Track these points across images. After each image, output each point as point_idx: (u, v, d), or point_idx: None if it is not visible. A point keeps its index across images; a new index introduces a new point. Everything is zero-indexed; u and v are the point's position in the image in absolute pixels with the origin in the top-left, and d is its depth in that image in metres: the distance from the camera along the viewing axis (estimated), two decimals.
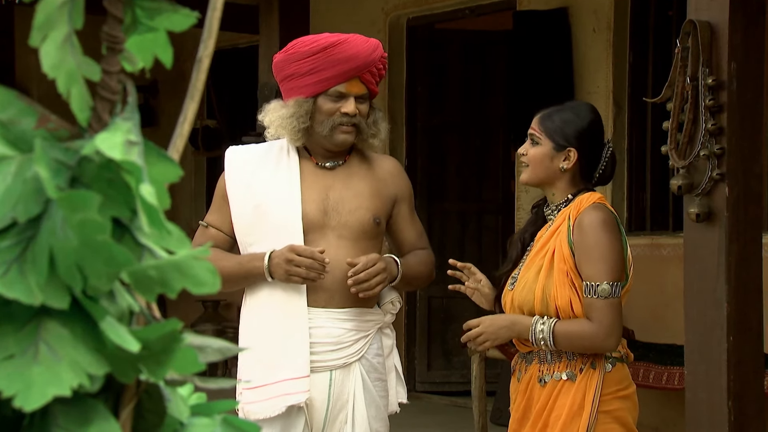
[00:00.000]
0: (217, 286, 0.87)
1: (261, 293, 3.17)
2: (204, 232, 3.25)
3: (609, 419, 3.01)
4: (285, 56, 3.21)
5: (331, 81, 3.16)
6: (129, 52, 0.93)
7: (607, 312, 2.96)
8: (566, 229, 3.03)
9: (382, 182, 3.30)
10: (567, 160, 3.08)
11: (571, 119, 3.11)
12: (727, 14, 3.56)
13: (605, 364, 3.03)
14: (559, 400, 3.02)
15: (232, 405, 0.99)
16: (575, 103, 3.26)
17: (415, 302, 8.27)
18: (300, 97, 3.17)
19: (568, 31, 7.11)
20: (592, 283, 2.96)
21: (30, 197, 0.84)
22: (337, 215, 3.19)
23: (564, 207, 3.09)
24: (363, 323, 3.19)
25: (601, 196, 3.12)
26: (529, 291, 3.03)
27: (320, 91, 3.17)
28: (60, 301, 0.83)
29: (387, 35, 8.18)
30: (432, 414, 7.61)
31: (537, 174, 3.12)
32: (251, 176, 3.22)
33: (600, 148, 3.14)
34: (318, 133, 3.19)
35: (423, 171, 8.28)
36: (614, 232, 3.01)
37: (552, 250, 3.03)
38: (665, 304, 6.33)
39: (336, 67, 3.14)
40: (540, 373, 3.06)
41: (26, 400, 0.81)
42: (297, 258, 3.06)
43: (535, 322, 3.02)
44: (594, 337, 2.97)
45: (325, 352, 3.14)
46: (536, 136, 3.11)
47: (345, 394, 3.16)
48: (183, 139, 0.93)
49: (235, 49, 8.96)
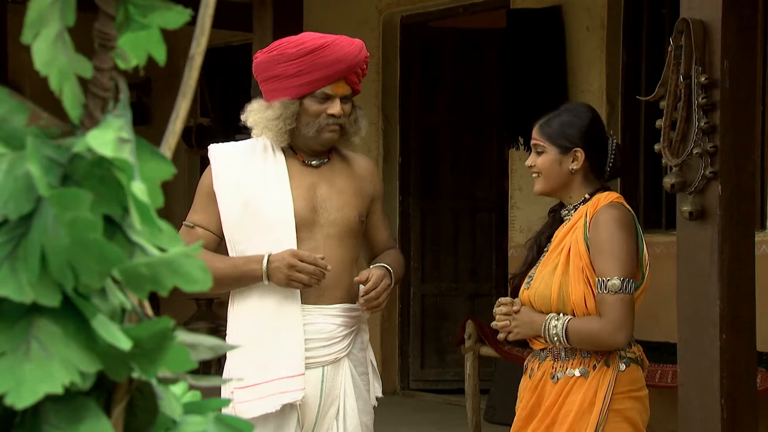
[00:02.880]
0: (209, 284, 0.87)
1: (252, 291, 3.16)
2: (189, 232, 3.18)
3: (619, 418, 3.01)
4: (269, 57, 3.18)
5: (319, 83, 3.15)
6: (122, 49, 0.93)
7: (617, 307, 2.97)
8: (582, 225, 3.05)
9: (362, 180, 3.31)
10: (575, 161, 3.11)
11: (570, 120, 3.13)
12: (720, 12, 3.57)
13: (619, 363, 3.03)
14: (570, 397, 3.02)
15: (226, 403, 0.99)
16: (571, 105, 3.28)
17: (409, 300, 8.27)
18: (286, 99, 3.16)
19: (561, 29, 7.11)
20: (603, 279, 2.98)
21: (21, 195, 0.83)
22: (326, 213, 3.20)
23: (582, 205, 3.12)
24: (350, 319, 3.22)
25: (619, 195, 3.15)
26: (545, 287, 3.04)
27: (307, 92, 3.16)
28: (51, 298, 0.83)
29: (380, 33, 8.18)
30: (425, 412, 7.62)
31: (550, 182, 3.13)
32: (239, 173, 3.19)
33: (604, 142, 3.17)
34: (304, 134, 3.19)
35: (416, 169, 8.28)
36: (629, 230, 3.04)
37: (568, 246, 3.05)
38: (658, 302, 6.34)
39: (323, 70, 3.13)
40: (553, 369, 3.07)
41: (17, 398, 0.81)
42: (300, 264, 3.05)
43: (548, 320, 3.02)
44: (602, 331, 2.98)
45: (318, 348, 3.15)
46: (540, 145, 3.14)
47: (336, 389, 3.17)
48: (175, 136, 0.93)
49: (229, 47, 8.95)
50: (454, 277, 8.26)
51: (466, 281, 8.25)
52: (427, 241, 8.29)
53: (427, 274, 8.30)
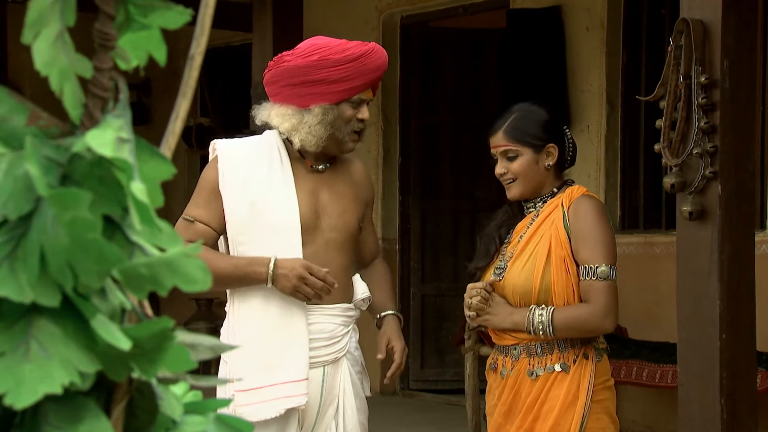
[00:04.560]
0: (209, 284, 0.87)
1: (255, 291, 3.14)
2: (189, 227, 3.15)
3: (599, 409, 3.05)
4: (309, 62, 3.13)
5: (360, 89, 3.17)
6: (122, 49, 0.92)
7: (605, 292, 3.01)
8: (561, 216, 3.08)
9: (359, 186, 3.32)
10: (550, 156, 3.15)
11: (533, 119, 3.16)
12: (720, 12, 3.57)
13: (595, 355, 3.06)
14: (552, 392, 3.04)
15: (226, 403, 0.99)
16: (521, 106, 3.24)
17: (409, 301, 8.27)
18: (326, 104, 3.14)
19: (561, 29, 7.11)
20: (591, 266, 3.01)
21: (21, 195, 0.83)
22: (328, 218, 3.20)
23: (550, 198, 3.14)
24: (348, 318, 3.24)
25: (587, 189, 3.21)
26: (525, 280, 3.05)
27: (347, 97, 3.16)
28: (51, 298, 0.83)
29: (380, 33, 8.18)
30: (425, 412, 7.62)
31: (528, 183, 3.16)
32: (247, 172, 3.16)
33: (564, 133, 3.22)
34: (337, 138, 3.18)
35: (416, 169, 8.28)
36: (607, 219, 3.12)
37: (548, 238, 3.06)
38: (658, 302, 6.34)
39: (366, 75, 3.16)
40: (530, 366, 3.08)
41: (17, 398, 0.81)
42: (310, 278, 3.04)
43: (531, 311, 3.03)
44: (591, 316, 3.00)
45: (320, 347, 3.15)
46: (511, 150, 3.15)
47: (335, 388, 3.18)
48: (175, 136, 0.93)
49: (229, 47, 8.96)
50: (454, 277, 8.26)
51: (466, 281, 8.22)
52: (426, 241, 8.29)
53: (426, 274, 8.30)
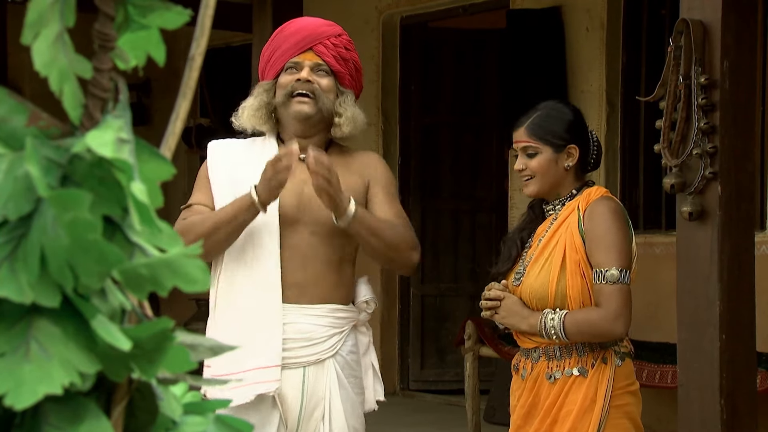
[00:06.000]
0: (208, 284, 0.87)
1: (234, 287, 3.15)
2: (187, 210, 3.23)
3: (620, 414, 3.02)
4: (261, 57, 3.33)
5: (285, 54, 3.22)
6: (121, 50, 0.92)
7: (616, 296, 2.98)
8: (576, 219, 3.06)
9: (355, 175, 3.23)
10: (570, 158, 3.13)
11: (558, 117, 3.14)
12: (720, 13, 3.57)
13: (615, 359, 3.04)
14: (570, 396, 3.03)
15: (226, 404, 0.99)
16: (548, 103, 3.22)
17: (409, 301, 8.27)
18: (264, 82, 3.26)
19: (561, 29, 7.11)
20: (602, 270, 2.99)
21: (21, 195, 0.83)
22: (311, 211, 3.16)
23: (569, 200, 3.12)
24: (336, 320, 3.18)
25: (607, 190, 3.17)
26: (541, 285, 3.04)
27: (279, 68, 3.23)
28: (51, 299, 0.83)
29: (380, 34, 8.18)
30: (425, 412, 7.62)
31: (546, 182, 3.13)
32: (233, 167, 3.23)
33: (588, 135, 3.20)
34: (281, 112, 3.21)
35: (416, 169, 8.28)
36: (624, 221, 3.07)
37: (563, 241, 3.05)
38: (658, 302, 6.34)
39: (287, 41, 3.24)
40: (549, 369, 3.06)
41: (17, 399, 0.81)
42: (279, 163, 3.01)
43: (544, 315, 3.02)
44: (602, 320, 2.98)
45: (297, 348, 3.12)
46: (531, 147, 3.13)
47: (320, 390, 3.14)
48: (175, 137, 0.93)
49: (229, 48, 8.95)
50: (454, 277, 8.27)
51: (466, 281, 8.25)
52: (426, 241, 8.29)
53: (426, 274, 8.30)
